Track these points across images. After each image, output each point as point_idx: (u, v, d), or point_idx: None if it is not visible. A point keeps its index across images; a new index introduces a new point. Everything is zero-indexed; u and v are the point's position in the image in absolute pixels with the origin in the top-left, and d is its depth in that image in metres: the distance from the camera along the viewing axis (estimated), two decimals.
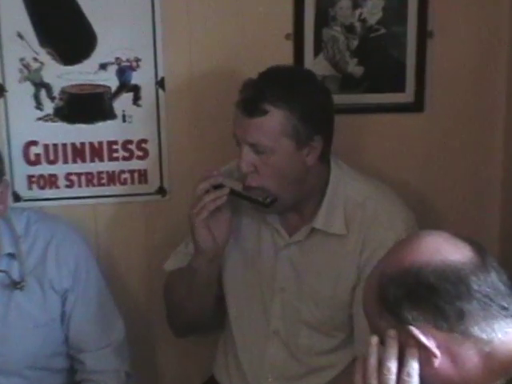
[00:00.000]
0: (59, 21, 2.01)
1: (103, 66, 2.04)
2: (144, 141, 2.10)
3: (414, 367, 1.23)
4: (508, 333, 1.23)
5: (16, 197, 2.07)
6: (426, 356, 1.23)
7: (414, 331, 1.22)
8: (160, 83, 2.07)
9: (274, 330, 1.93)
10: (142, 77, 2.06)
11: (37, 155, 2.07)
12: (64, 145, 2.07)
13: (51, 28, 2.01)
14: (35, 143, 2.07)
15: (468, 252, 1.26)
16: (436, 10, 2.09)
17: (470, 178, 2.23)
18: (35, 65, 2.02)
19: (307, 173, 1.81)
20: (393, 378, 1.23)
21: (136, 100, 2.07)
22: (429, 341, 1.22)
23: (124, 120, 2.07)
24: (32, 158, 2.07)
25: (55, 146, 2.07)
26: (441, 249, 1.26)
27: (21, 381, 1.88)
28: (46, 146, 2.07)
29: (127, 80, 2.05)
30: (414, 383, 1.23)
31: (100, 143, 2.08)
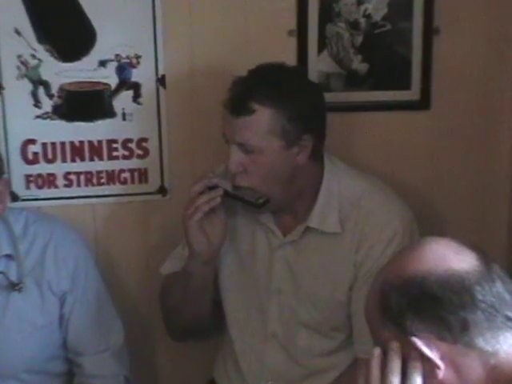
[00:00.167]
0: (58, 17, 2.00)
1: (103, 63, 2.02)
2: (144, 139, 2.09)
3: (417, 381, 1.22)
4: None
5: (14, 196, 2.06)
6: (430, 367, 1.22)
7: (417, 343, 1.20)
8: (161, 80, 2.06)
9: (272, 333, 1.92)
10: (143, 74, 2.05)
11: (35, 154, 2.06)
12: (63, 143, 2.06)
13: (49, 24, 2.00)
14: (33, 142, 2.05)
15: (472, 260, 1.24)
16: (442, 6, 2.07)
17: (477, 178, 2.21)
18: (33, 62, 2.00)
19: (298, 172, 1.79)
20: None
21: (136, 98, 2.05)
22: (432, 352, 1.20)
23: (124, 118, 2.06)
24: (30, 157, 2.06)
25: (53, 145, 2.06)
26: (445, 257, 1.24)
27: None
28: (45, 145, 2.06)
29: (127, 77, 2.04)
30: None
31: (99, 142, 2.07)
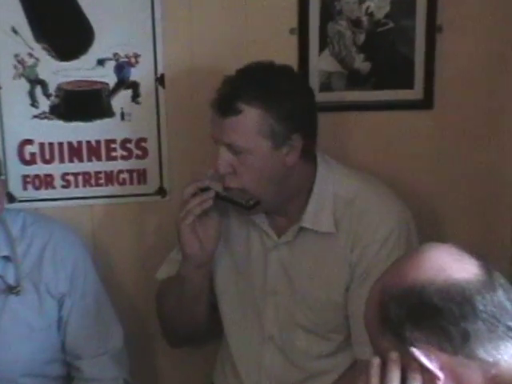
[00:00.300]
0: (55, 15, 1.99)
1: (101, 62, 2.01)
2: (143, 139, 2.07)
3: None
4: None
5: (10, 197, 2.04)
6: (430, 378, 1.20)
7: (416, 353, 1.19)
8: (160, 80, 2.04)
9: (269, 335, 1.91)
10: (142, 73, 2.04)
11: (32, 154, 2.05)
12: (60, 143, 2.05)
13: (47, 23, 1.98)
14: (30, 142, 2.04)
15: (473, 268, 1.23)
16: (445, 4, 2.06)
17: (482, 179, 2.19)
18: (30, 61, 1.99)
19: (289, 172, 1.78)
20: None
21: (135, 97, 2.04)
22: (432, 363, 1.19)
23: (122, 118, 2.05)
24: (27, 158, 2.05)
25: (51, 145, 2.05)
26: (445, 266, 1.23)
27: None
28: (42, 145, 2.05)
29: (126, 76, 2.03)
30: None
31: (98, 142, 2.06)
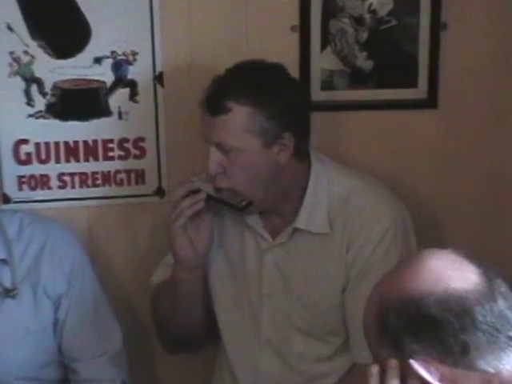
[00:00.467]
0: (51, 12, 1.97)
1: (98, 60, 2.00)
2: (141, 139, 2.06)
3: None
4: None
5: (5, 198, 2.03)
6: None
7: (415, 366, 1.17)
8: (158, 78, 2.03)
9: (266, 339, 1.90)
10: (139, 71, 2.02)
11: (27, 154, 2.04)
12: (56, 143, 2.04)
13: (43, 20, 1.97)
14: (26, 141, 2.03)
15: (474, 277, 1.20)
16: (450, 1, 2.04)
17: (487, 181, 2.17)
18: (26, 58, 1.98)
19: (281, 171, 1.77)
20: None
21: (133, 96, 2.03)
22: (431, 375, 1.17)
23: (120, 117, 2.04)
24: (22, 157, 2.04)
25: (47, 145, 2.04)
26: (444, 275, 1.20)
27: None
28: (38, 145, 2.03)
29: (123, 75, 2.02)
30: None
31: (95, 141, 2.05)
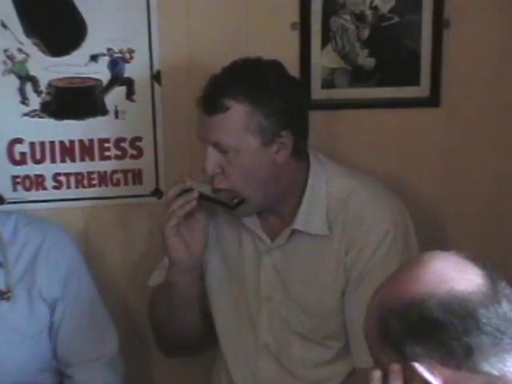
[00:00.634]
0: (46, 9, 1.96)
1: (94, 58, 1.99)
2: (138, 138, 2.05)
3: None
4: None
5: None
6: None
7: (419, 368, 1.16)
8: (156, 77, 2.02)
9: (264, 343, 1.88)
10: (136, 69, 2.01)
11: (22, 154, 2.03)
12: (52, 143, 2.03)
13: (37, 16, 1.96)
14: (20, 141, 2.02)
15: (477, 279, 1.19)
16: None
17: (490, 181, 2.15)
18: (20, 56, 1.97)
19: (280, 171, 1.76)
20: None
21: (130, 94, 2.02)
22: (435, 378, 1.15)
23: (116, 116, 2.03)
24: (17, 157, 2.03)
25: (42, 144, 2.03)
26: (446, 277, 1.19)
27: None
28: (32, 144, 2.02)
29: (120, 73, 2.01)
30: None
31: (91, 141, 2.04)
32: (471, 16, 2.05)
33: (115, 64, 1.99)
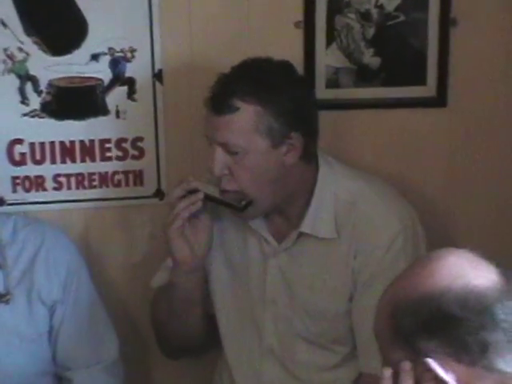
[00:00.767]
0: (46, 7, 1.95)
1: (95, 57, 1.98)
2: (140, 139, 2.04)
3: None
4: None
5: None
6: None
7: (432, 364, 1.14)
8: (157, 76, 2.02)
9: (268, 347, 1.88)
10: (138, 69, 2.01)
11: (22, 155, 2.02)
12: (52, 143, 2.02)
13: (38, 15, 1.95)
14: (20, 141, 2.01)
15: (493, 276, 1.19)
16: None
17: (498, 182, 2.14)
18: (20, 55, 1.96)
19: (288, 173, 1.75)
20: None
21: (131, 94, 2.01)
22: (448, 375, 1.14)
23: (118, 116, 2.02)
24: (17, 158, 2.02)
25: (42, 145, 2.02)
26: (462, 272, 1.19)
27: None
28: (32, 145, 2.02)
29: (121, 72, 2.00)
30: None
31: (91, 141, 2.03)
32: (479, 14, 2.04)
33: (116, 63, 1.98)
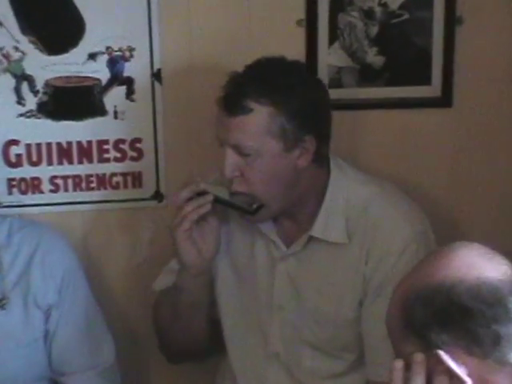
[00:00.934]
0: (43, 5, 1.95)
1: (92, 56, 1.98)
2: (138, 140, 2.03)
3: None
4: None
5: None
6: None
7: (443, 356, 1.15)
8: (156, 75, 2.01)
9: (274, 353, 1.86)
10: (136, 68, 2.00)
11: (18, 156, 2.01)
12: (48, 144, 2.01)
13: (34, 14, 1.95)
14: (16, 142, 2.01)
15: (506, 268, 1.21)
16: None
17: (505, 182, 2.13)
18: (16, 55, 1.96)
19: (300, 176, 1.74)
20: None
21: (129, 94, 2.01)
22: (459, 367, 1.15)
23: (116, 116, 2.02)
24: (12, 159, 2.01)
25: (38, 146, 2.01)
26: (476, 264, 1.20)
27: None
28: (29, 146, 2.01)
29: (119, 72, 1.99)
30: None
31: (89, 142, 2.02)
32: (485, 13, 2.02)
33: (114, 62, 1.97)
